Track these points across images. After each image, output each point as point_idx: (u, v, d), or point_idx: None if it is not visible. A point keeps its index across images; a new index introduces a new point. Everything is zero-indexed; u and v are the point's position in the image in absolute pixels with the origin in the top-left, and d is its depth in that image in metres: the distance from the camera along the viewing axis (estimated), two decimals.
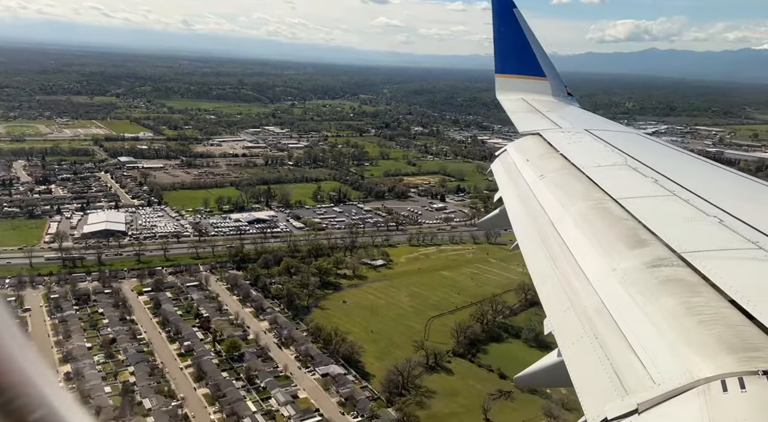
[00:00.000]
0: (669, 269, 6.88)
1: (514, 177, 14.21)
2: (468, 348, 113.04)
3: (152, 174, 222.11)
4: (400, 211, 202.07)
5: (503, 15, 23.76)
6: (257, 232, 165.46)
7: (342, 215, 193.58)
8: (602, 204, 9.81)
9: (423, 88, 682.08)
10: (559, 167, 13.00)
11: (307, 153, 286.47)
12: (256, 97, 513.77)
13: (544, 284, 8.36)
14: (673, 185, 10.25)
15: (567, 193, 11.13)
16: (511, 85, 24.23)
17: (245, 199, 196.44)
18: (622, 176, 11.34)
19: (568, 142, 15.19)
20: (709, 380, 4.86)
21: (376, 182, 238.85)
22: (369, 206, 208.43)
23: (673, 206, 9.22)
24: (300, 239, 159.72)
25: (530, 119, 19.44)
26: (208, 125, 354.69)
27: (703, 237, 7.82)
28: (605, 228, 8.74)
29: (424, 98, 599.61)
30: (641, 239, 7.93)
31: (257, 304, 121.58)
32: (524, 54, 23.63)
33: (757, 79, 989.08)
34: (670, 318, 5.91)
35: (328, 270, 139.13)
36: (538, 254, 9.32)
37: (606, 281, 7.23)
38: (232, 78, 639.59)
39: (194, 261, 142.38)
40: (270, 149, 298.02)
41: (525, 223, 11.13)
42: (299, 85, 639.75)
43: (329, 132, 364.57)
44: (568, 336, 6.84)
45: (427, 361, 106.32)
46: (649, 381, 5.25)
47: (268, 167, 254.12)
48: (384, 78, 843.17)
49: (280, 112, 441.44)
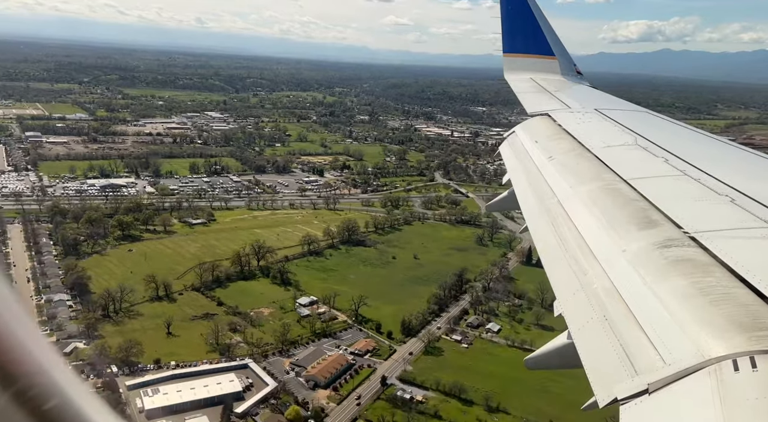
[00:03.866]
0: (680, 250, 6.81)
1: (522, 159, 14.06)
2: (211, 284, 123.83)
3: (49, 147, 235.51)
4: (267, 182, 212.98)
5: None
6: (99, 194, 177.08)
7: (208, 184, 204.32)
8: (612, 185, 9.72)
9: (403, 83, 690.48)
10: (569, 148, 12.87)
11: (223, 134, 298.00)
12: (222, 88, 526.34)
13: (553, 266, 8.28)
14: (683, 165, 10.14)
15: (576, 174, 11.04)
16: (518, 65, 23.76)
17: (115, 168, 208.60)
18: (632, 157, 11.25)
19: (577, 122, 15.04)
20: (720, 359, 4.80)
21: (268, 159, 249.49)
22: (245, 178, 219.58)
23: (683, 186, 9.13)
24: (141, 201, 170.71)
25: (539, 100, 19.20)
26: (147, 108, 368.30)
27: (714, 217, 7.77)
28: (615, 209, 8.67)
29: (397, 91, 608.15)
30: (652, 219, 7.87)
31: (37, 247, 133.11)
32: (533, 33, 23.25)
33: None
34: (680, 299, 5.83)
35: (130, 224, 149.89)
36: (548, 236, 9.23)
37: (616, 263, 7.17)
38: (209, 70, 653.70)
39: (15, 215, 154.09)
40: (192, 130, 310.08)
41: (534, 205, 11.06)
42: (275, 78, 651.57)
43: (268, 118, 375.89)
44: (578, 317, 6.77)
45: (157, 293, 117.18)
46: (659, 361, 5.22)
47: (172, 145, 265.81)
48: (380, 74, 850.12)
49: (236, 100, 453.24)
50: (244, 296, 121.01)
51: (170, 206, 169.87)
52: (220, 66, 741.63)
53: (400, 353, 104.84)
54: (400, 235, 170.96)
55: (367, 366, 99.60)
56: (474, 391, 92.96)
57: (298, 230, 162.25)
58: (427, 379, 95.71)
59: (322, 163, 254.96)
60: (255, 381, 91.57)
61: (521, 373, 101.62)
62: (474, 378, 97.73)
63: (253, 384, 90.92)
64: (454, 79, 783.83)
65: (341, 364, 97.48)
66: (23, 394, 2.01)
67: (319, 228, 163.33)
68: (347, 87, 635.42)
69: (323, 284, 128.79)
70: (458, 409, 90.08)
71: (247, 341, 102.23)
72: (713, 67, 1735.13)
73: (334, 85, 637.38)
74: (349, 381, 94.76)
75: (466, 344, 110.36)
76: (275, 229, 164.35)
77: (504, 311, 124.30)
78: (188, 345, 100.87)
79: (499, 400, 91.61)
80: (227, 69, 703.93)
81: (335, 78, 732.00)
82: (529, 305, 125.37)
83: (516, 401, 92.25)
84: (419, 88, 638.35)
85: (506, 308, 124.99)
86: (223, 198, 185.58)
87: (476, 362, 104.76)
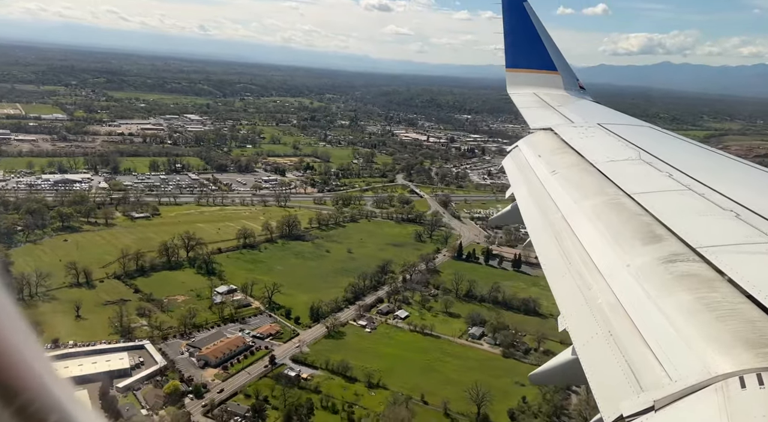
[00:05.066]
0: (685, 265, 6.76)
1: (525, 173, 14.16)
2: (134, 273, 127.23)
3: (15, 144, 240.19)
4: (226, 181, 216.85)
5: (513, 9, 23.79)
6: (51, 189, 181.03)
7: (164, 181, 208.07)
8: (616, 199, 9.71)
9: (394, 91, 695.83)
10: (572, 162, 12.94)
11: (195, 135, 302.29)
12: (209, 92, 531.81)
13: (557, 281, 8.25)
14: (688, 180, 10.15)
15: (580, 189, 11.07)
16: (521, 80, 24.06)
17: (74, 164, 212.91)
18: (636, 171, 11.29)
19: (580, 137, 15.12)
20: (726, 376, 4.75)
21: (233, 159, 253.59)
22: (204, 176, 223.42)
23: (688, 201, 9.15)
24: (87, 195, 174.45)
25: (542, 114, 19.35)
26: (126, 110, 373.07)
27: (720, 232, 7.76)
28: (619, 224, 8.65)
29: (387, 99, 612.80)
30: (656, 234, 7.83)
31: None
32: (535, 48, 23.60)
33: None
34: (686, 314, 5.79)
35: (70, 216, 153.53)
36: (551, 251, 9.24)
37: (620, 278, 7.11)
38: (201, 75, 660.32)
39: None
40: (165, 131, 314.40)
41: (537, 219, 11.10)
42: (266, 84, 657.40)
43: (248, 121, 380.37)
44: (583, 333, 6.72)
45: (77, 279, 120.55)
46: (665, 377, 5.16)
47: (141, 145, 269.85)
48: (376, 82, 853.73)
49: (221, 104, 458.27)
50: (164, 284, 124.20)
51: (116, 200, 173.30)
52: (214, 71, 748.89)
53: (302, 337, 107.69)
54: (342, 231, 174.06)
55: (265, 348, 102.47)
56: (360, 370, 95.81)
57: (242, 225, 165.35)
58: (317, 359, 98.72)
59: (288, 164, 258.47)
60: (147, 360, 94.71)
61: (412, 354, 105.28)
62: (366, 359, 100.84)
63: (144, 362, 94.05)
64: (446, 87, 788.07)
65: (237, 346, 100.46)
66: (24, 410, 1.99)
67: (259, 222, 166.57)
68: (338, 94, 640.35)
69: (248, 275, 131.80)
70: (340, 386, 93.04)
71: (151, 324, 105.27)
72: (713, 80, 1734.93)
73: (325, 92, 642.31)
74: (241, 361, 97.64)
75: (370, 329, 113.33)
76: (218, 224, 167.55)
77: (417, 300, 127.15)
78: (93, 328, 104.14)
79: (382, 378, 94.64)
80: (221, 74, 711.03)
81: (327, 85, 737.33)
82: (444, 295, 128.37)
83: (398, 379, 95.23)
84: (409, 96, 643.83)
85: (420, 297, 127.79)
86: (173, 194, 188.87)
87: (374, 344, 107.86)
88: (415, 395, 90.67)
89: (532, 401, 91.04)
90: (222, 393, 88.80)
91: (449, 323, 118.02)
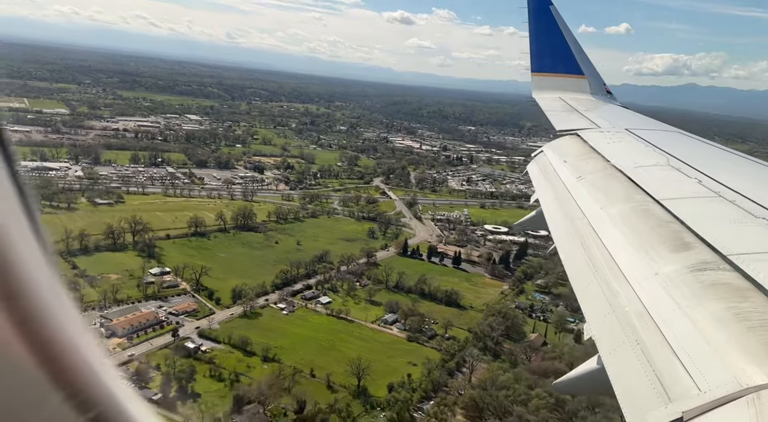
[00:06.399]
0: (715, 273, 6.61)
1: (550, 178, 14.06)
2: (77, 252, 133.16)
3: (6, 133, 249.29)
4: (202, 175, 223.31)
5: (539, 12, 23.94)
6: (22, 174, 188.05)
7: (141, 173, 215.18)
8: (644, 205, 9.51)
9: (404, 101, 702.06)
10: (598, 167, 12.81)
11: (187, 133, 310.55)
12: (218, 95, 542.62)
13: (583, 289, 8.08)
14: (718, 186, 9.88)
15: (607, 194, 10.87)
16: (547, 84, 24.05)
17: (56, 154, 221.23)
18: (665, 177, 11.07)
19: (607, 142, 15.01)
20: (759, 388, 4.61)
21: (216, 156, 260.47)
22: (182, 170, 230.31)
23: (718, 208, 8.93)
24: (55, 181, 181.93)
25: (568, 119, 19.24)
26: (129, 108, 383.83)
27: (752, 239, 7.59)
28: (647, 231, 8.48)
29: (395, 108, 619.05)
30: (685, 241, 7.68)
31: None
32: (561, 52, 23.64)
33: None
34: (716, 324, 5.64)
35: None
36: (577, 258, 9.04)
37: (648, 286, 6.98)
38: (213, 79, 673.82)
39: None
40: (161, 129, 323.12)
41: (562, 225, 10.87)
42: (278, 90, 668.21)
43: (246, 123, 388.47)
44: (609, 341, 6.59)
45: None
46: (694, 388, 5.01)
47: (131, 140, 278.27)
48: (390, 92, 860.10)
49: (226, 107, 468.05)
50: (103, 264, 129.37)
51: (84, 187, 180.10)
52: (230, 76, 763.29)
53: (218, 316, 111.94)
54: (299, 226, 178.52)
55: (176, 324, 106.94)
56: (261, 346, 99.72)
57: (202, 215, 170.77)
58: (221, 335, 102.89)
59: (270, 163, 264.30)
60: None
61: (320, 334, 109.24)
62: (273, 337, 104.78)
63: None
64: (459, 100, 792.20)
65: (148, 319, 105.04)
66: (73, 400, 2.00)
67: (225, 215, 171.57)
68: (347, 102, 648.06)
69: (188, 259, 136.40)
70: (237, 359, 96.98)
71: (74, 297, 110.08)
72: (739, 103, 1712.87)
73: (335, 100, 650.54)
74: (148, 334, 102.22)
75: (288, 311, 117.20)
76: (178, 213, 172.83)
77: (345, 289, 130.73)
78: None
79: (281, 354, 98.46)
80: (235, 79, 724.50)
81: (339, 93, 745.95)
82: (374, 285, 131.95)
83: (296, 355, 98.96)
84: (417, 106, 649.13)
85: (348, 286, 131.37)
86: (142, 184, 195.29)
87: (285, 325, 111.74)
88: (306, 369, 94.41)
89: (416, 379, 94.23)
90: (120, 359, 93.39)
91: (369, 310, 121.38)
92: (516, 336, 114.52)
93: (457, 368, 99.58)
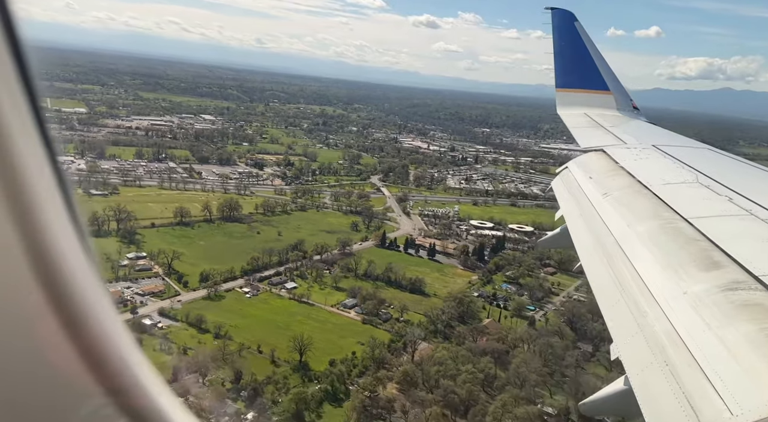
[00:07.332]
0: (746, 293, 6.47)
1: (575, 195, 13.90)
2: None
3: None
4: (201, 171, 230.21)
5: (564, 28, 24.01)
6: None
7: (142, 168, 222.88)
8: (672, 223, 9.39)
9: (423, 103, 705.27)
10: (625, 184, 12.64)
11: (197, 132, 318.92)
12: (237, 97, 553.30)
13: (609, 308, 7.92)
14: (749, 204, 9.73)
15: (633, 212, 10.77)
16: (572, 100, 23.90)
17: (63, 148, 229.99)
18: (694, 195, 10.95)
19: (634, 158, 14.90)
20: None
21: (219, 154, 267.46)
22: (183, 166, 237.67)
23: (749, 226, 8.81)
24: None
25: (593, 135, 19.20)
26: (146, 108, 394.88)
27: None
28: (675, 249, 8.36)
29: (413, 111, 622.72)
30: (715, 260, 7.53)
31: None
32: (586, 68, 23.56)
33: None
34: (748, 345, 5.50)
35: None
36: (603, 277, 8.87)
37: (677, 305, 6.82)
38: (235, 82, 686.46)
39: None
40: (173, 127, 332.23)
41: (588, 243, 10.68)
42: (298, 93, 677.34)
43: (259, 123, 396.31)
44: (637, 362, 6.48)
45: None
46: (726, 411, 4.87)
47: (141, 137, 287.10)
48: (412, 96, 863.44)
49: (243, 108, 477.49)
50: None
51: (82, 178, 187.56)
52: (252, 79, 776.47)
53: (182, 297, 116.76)
54: (286, 218, 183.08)
55: (140, 303, 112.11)
56: (216, 324, 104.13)
57: (191, 207, 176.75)
58: (180, 314, 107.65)
59: (271, 160, 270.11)
60: None
61: (277, 316, 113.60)
62: (231, 317, 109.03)
63: None
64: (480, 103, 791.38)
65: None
66: (113, 404, 2.02)
67: (214, 207, 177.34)
68: (366, 104, 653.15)
69: (167, 246, 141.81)
70: (191, 335, 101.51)
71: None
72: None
73: (354, 102, 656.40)
74: None
75: (251, 295, 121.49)
76: (169, 204, 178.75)
77: (314, 275, 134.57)
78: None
79: (233, 332, 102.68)
80: (258, 82, 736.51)
81: (360, 96, 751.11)
82: (342, 273, 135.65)
83: (248, 333, 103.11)
84: (435, 109, 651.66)
85: (316, 273, 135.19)
86: (138, 177, 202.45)
87: (246, 307, 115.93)
88: (254, 346, 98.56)
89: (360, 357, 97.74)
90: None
91: (333, 295, 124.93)
92: (471, 321, 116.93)
93: (405, 348, 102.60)
